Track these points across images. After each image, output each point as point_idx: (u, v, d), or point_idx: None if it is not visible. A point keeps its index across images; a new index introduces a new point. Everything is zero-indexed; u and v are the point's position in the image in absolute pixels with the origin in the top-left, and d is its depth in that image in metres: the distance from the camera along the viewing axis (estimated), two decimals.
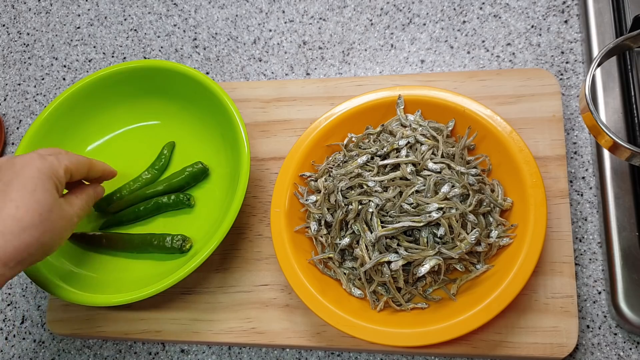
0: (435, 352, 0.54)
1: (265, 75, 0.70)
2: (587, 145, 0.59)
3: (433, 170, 0.53)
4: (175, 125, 0.66)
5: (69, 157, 0.52)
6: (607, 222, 0.54)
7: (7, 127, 0.75)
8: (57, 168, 0.49)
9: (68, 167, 0.51)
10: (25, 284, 0.66)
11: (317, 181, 0.57)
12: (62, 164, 0.50)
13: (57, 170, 0.49)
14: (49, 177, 0.48)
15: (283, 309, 0.56)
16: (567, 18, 0.65)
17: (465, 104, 0.56)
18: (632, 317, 0.50)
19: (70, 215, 0.51)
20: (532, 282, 0.52)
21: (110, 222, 0.63)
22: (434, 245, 0.50)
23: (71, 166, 0.51)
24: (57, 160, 0.50)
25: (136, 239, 0.60)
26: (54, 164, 0.49)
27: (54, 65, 0.77)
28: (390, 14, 0.70)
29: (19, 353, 0.63)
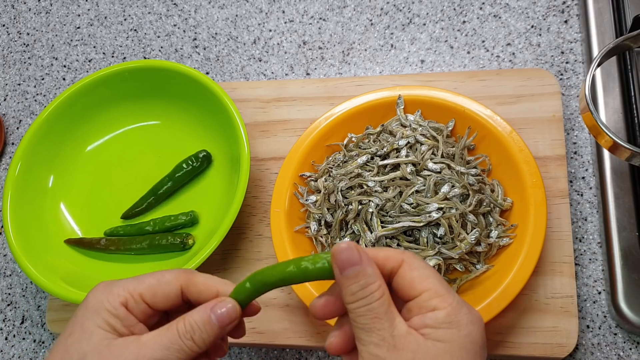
0: None
1: (265, 75, 0.70)
2: (587, 145, 0.59)
3: (433, 170, 0.53)
4: (175, 125, 0.66)
5: (142, 281, 0.38)
6: (607, 222, 0.54)
7: (7, 127, 0.75)
8: (114, 299, 0.37)
9: (134, 294, 0.38)
10: (25, 284, 0.66)
11: (317, 181, 0.57)
12: (123, 292, 0.38)
13: (111, 302, 0.37)
14: (96, 312, 0.37)
15: (283, 309, 0.56)
16: (567, 18, 0.65)
17: (465, 104, 0.56)
18: (632, 317, 0.50)
19: (131, 359, 0.36)
20: (532, 282, 0.52)
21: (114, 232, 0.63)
22: (434, 245, 0.50)
23: (144, 293, 0.38)
24: (121, 287, 0.38)
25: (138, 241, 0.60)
26: (110, 294, 0.38)
27: (54, 65, 0.77)
28: (390, 14, 0.70)
29: (19, 353, 0.63)
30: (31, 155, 0.62)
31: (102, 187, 0.65)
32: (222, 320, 0.37)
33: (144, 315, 0.38)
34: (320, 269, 0.37)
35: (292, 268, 0.37)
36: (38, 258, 0.58)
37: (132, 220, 0.63)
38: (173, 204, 0.64)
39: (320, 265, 0.37)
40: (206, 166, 0.63)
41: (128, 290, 0.38)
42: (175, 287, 0.38)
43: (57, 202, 0.64)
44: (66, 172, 0.65)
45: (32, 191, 0.62)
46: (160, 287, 0.38)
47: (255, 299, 0.39)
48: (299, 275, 0.37)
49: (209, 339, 0.37)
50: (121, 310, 0.37)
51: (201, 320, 0.36)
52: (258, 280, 0.38)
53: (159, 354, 0.35)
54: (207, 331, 0.36)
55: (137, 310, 0.38)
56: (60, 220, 0.63)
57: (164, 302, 0.38)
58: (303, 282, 0.38)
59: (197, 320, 0.36)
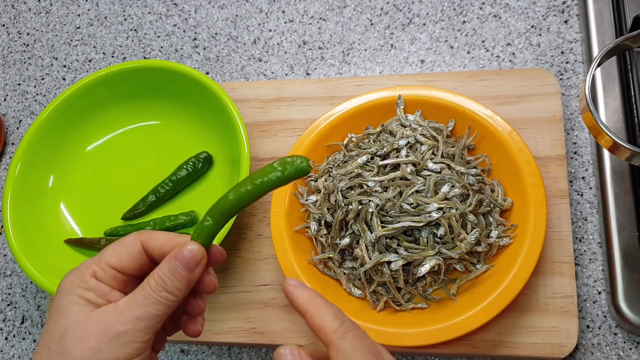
0: (435, 352, 0.54)
1: (265, 75, 0.70)
2: (587, 145, 0.59)
3: (433, 170, 0.53)
4: (175, 125, 0.66)
5: (105, 250, 0.39)
6: (607, 222, 0.54)
7: (7, 127, 0.75)
8: (82, 274, 0.38)
9: (100, 264, 0.38)
10: (25, 284, 0.66)
11: (317, 181, 0.57)
12: (89, 266, 0.38)
13: (80, 278, 0.38)
14: (68, 291, 0.38)
15: (283, 309, 0.56)
16: (567, 18, 0.65)
17: (465, 104, 0.56)
18: (632, 317, 0.50)
19: (112, 324, 0.36)
20: (532, 282, 0.52)
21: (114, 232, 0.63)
22: (434, 245, 0.50)
23: (109, 259, 0.38)
24: (86, 263, 0.39)
25: None
26: (78, 272, 0.38)
27: (54, 65, 0.77)
28: (390, 14, 0.70)
29: (19, 353, 0.63)
30: (31, 155, 0.62)
31: (102, 187, 0.65)
32: (188, 263, 0.37)
33: (116, 282, 0.38)
34: (274, 178, 0.36)
35: (248, 186, 0.37)
36: (38, 258, 0.58)
37: (132, 221, 0.63)
38: (173, 204, 0.64)
39: (273, 175, 0.36)
40: (207, 168, 0.63)
41: (94, 262, 0.38)
42: (137, 246, 0.39)
43: (57, 202, 0.64)
44: (66, 172, 0.65)
45: (32, 191, 0.62)
46: (122, 249, 0.39)
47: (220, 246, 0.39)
48: (257, 190, 0.37)
49: (181, 286, 0.37)
50: (92, 282, 0.38)
51: (168, 269, 0.37)
52: (215, 210, 0.37)
53: (137, 311, 0.36)
54: (177, 278, 0.37)
55: (107, 278, 0.38)
56: (60, 220, 0.63)
57: (130, 263, 0.39)
58: (260, 197, 0.37)
59: (164, 271, 0.37)
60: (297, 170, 0.37)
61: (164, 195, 0.63)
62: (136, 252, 0.39)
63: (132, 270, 0.39)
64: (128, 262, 0.39)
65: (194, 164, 0.62)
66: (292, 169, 0.37)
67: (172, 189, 0.63)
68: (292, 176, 0.37)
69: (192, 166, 0.62)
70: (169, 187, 0.62)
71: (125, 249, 0.39)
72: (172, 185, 0.62)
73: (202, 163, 0.62)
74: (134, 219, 0.63)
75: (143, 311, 0.36)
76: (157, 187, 0.63)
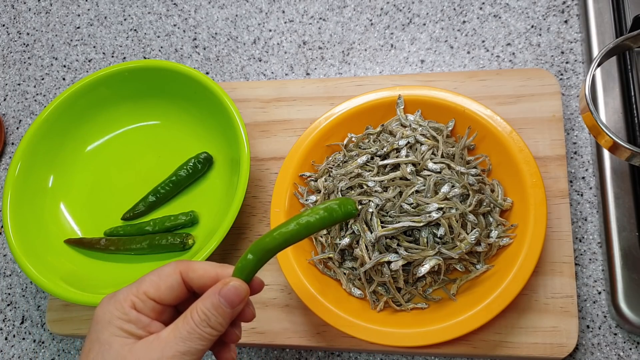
0: (435, 352, 0.54)
1: (265, 75, 0.70)
2: (587, 145, 0.59)
3: (433, 170, 0.53)
4: (175, 125, 0.66)
5: (143, 281, 0.39)
6: (607, 222, 0.54)
7: (7, 127, 0.75)
8: (121, 305, 0.38)
9: (139, 295, 0.38)
10: (25, 284, 0.66)
11: (317, 181, 0.57)
12: (128, 296, 0.38)
13: (119, 309, 0.38)
14: (108, 322, 0.37)
15: (283, 309, 0.56)
16: (567, 18, 0.65)
17: (465, 104, 0.56)
18: (632, 317, 0.50)
19: (158, 358, 0.36)
20: (532, 282, 0.52)
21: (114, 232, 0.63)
22: (434, 245, 0.50)
23: (148, 290, 0.38)
24: (124, 293, 0.39)
25: (138, 241, 0.60)
26: (116, 302, 0.38)
27: (54, 65, 0.77)
28: (390, 14, 0.70)
29: (19, 353, 0.63)
30: (31, 155, 0.62)
31: (102, 187, 0.65)
32: (232, 300, 0.38)
33: (155, 312, 0.39)
34: (321, 218, 0.37)
35: (293, 226, 0.37)
36: (38, 258, 0.58)
37: (132, 221, 0.63)
38: (173, 204, 0.64)
39: (320, 215, 0.37)
40: (207, 169, 0.63)
41: (132, 293, 0.38)
42: (176, 277, 0.39)
43: (57, 202, 0.64)
44: (66, 172, 0.65)
45: (32, 191, 0.62)
46: (162, 281, 0.39)
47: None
48: (302, 231, 0.37)
49: (224, 322, 0.38)
50: (132, 314, 0.38)
51: (212, 305, 0.37)
52: (260, 248, 0.38)
53: (182, 347, 0.36)
54: (221, 314, 0.37)
55: (146, 309, 0.38)
56: (60, 220, 0.63)
57: (169, 294, 0.39)
58: (304, 237, 0.38)
59: (208, 306, 0.37)
60: (345, 214, 0.38)
61: (164, 196, 0.63)
62: (175, 283, 0.39)
63: (170, 301, 0.39)
64: (167, 293, 0.39)
65: (194, 165, 0.62)
66: (340, 213, 0.38)
67: (172, 189, 0.63)
68: (339, 220, 0.38)
69: (192, 167, 0.62)
70: (169, 188, 0.62)
71: (165, 280, 0.39)
72: (172, 185, 0.62)
73: (202, 163, 0.62)
74: (134, 219, 0.63)
75: (188, 346, 0.36)
76: (157, 188, 0.63)
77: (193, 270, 0.39)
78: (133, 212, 0.63)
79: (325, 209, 0.37)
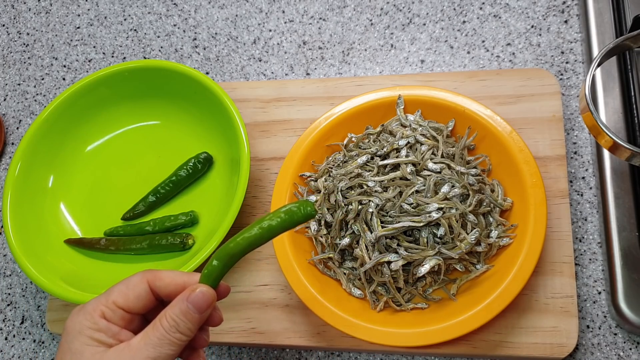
0: (435, 352, 0.54)
1: (265, 75, 0.70)
2: (587, 145, 0.59)
3: (433, 170, 0.53)
4: (175, 125, 0.66)
5: (112, 291, 0.40)
6: (607, 222, 0.54)
7: (7, 127, 0.75)
8: (91, 315, 0.39)
9: (108, 304, 0.39)
10: (25, 284, 0.66)
11: (317, 181, 0.57)
12: (97, 306, 0.39)
13: (89, 319, 0.39)
14: (78, 332, 0.38)
15: (283, 309, 0.56)
16: (567, 18, 0.65)
17: (465, 104, 0.56)
18: (632, 317, 0.50)
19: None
20: (532, 282, 0.52)
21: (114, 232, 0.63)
22: (434, 245, 0.50)
23: (117, 300, 0.39)
24: (93, 303, 0.39)
25: (138, 241, 0.60)
26: (86, 313, 0.39)
27: (54, 65, 0.77)
28: (390, 14, 0.70)
29: (19, 353, 0.63)
30: (31, 155, 0.62)
31: (102, 187, 0.65)
32: (200, 306, 0.39)
33: (124, 321, 0.40)
34: (282, 221, 0.38)
35: (256, 231, 0.39)
36: (38, 258, 0.58)
37: (132, 221, 0.63)
38: (173, 204, 0.64)
39: (281, 218, 0.38)
40: (207, 169, 0.63)
41: (101, 303, 0.39)
42: (143, 286, 0.40)
43: (57, 202, 0.64)
44: (66, 172, 0.65)
45: (32, 191, 0.62)
46: (130, 290, 0.40)
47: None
48: (265, 234, 0.39)
49: (193, 327, 0.39)
50: (102, 323, 0.39)
51: (180, 311, 0.38)
52: (225, 254, 0.39)
53: (153, 353, 0.37)
54: (189, 320, 0.38)
55: (115, 318, 0.39)
56: (60, 220, 0.63)
57: (137, 303, 0.40)
58: (268, 241, 0.39)
59: (177, 313, 0.38)
60: (305, 215, 0.39)
61: (164, 196, 0.63)
62: (143, 292, 0.40)
63: (138, 310, 0.40)
64: (135, 302, 0.40)
65: (194, 165, 0.62)
66: (300, 215, 0.39)
67: (172, 189, 0.63)
68: (300, 221, 0.39)
69: (192, 167, 0.62)
70: (169, 188, 0.62)
71: (132, 289, 0.40)
72: (172, 185, 0.62)
73: (202, 163, 0.62)
74: (134, 219, 0.63)
75: (158, 352, 0.37)
76: (157, 188, 0.63)
77: (160, 279, 0.40)
78: (133, 212, 0.63)
79: (285, 212, 0.39)
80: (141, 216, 0.63)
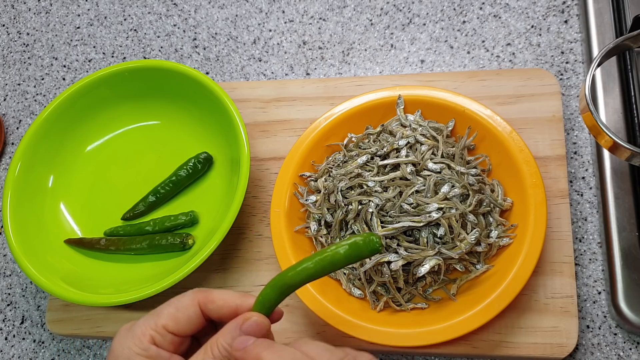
0: (435, 352, 0.54)
1: (265, 75, 0.70)
2: (587, 145, 0.59)
3: (433, 170, 0.53)
4: (175, 125, 0.66)
5: (161, 313, 0.39)
6: (607, 222, 0.54)
7: (7, 127, 0.75)
8: (140, 341, 0.38)
9: (158, 329, 0.38)
10: (25, 284, 0.66)
11: (317, 181, 0.57)
12: (146, 331, 0.38)
13: (139, 345, 0.38)
14: (127, 359, 0.38)
15: (283, 309, 0.56)
16: (567, 18, 0.65)
17: (465, 104, 0.56)
18: (632, 317, 0.50)
19: None
20: (532, 282, 0.52)
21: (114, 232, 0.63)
22: (434, 246, 0.50)
23: (167, 324, 0.38)
24: (143, 327, 0.38)
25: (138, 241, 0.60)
26: (135, 338, 0.38)
27: (54, 65, 0.77)
28: (390, 14, 0.70)
29: (19, 353, 0.63)
30: (31, 155, 0.62)
31: (102, 187, 0.65)
32: (254, 335, 0.36)
33: (174, 345, 0.38)
34: (346, 255, 0.37)
35: (317, 263, 0.37)
36: (38, 258, 0.58)
37: (132, 221, 0.63)
38: (173, 204, 0.64)
39: (345, 252, 0.37)
40: (207, 169, 0.63)
41: (150, 327, 0.38)
42: (194, 309, 0.39)
43: (57, 202, 0.64)
44: (66, 172, 0.65)
45: (32, 191, 0.62)
46: (180, 313, 0.38)
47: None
48: (327, 267, 0.37)
49: None
50: (152, 350, 0.37)
51: (233, 340, 0.36)
52: (283, 283, 0.38)
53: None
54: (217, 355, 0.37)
55: (165, 343, 0.38)
56: (60, 220, 0.63)
57: (188, 326, 0.39)
58: (329, 273, 0.38)
59: (229, 342, 0.36)
60: (371, 251, 0.37)
61: (164, 196, 0.63)
62: (194, 315, 0.39)
63: (189, 333, 0.39)
64: (186, 326, 0.39)
65: (194, 165, 0.62)
66: (366, 250, 0.37)
67: (172, 189, 0.63)
68: (364, 257, 0.37)
69: (192, 167, 0.62)
70: (169, 188, 0.62)
71: (183, 312, 0.39)
72: (172, 185, 0.62)
73: (202, 163, 0.62)
74: (134, 219, 0.63)
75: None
76: (157, 188, 0.63)
77: (212, 302, 0.39)
78: (133, 212, 0.63)
79: (350, 245, 0.37)
80: (141, 216, 0.63)
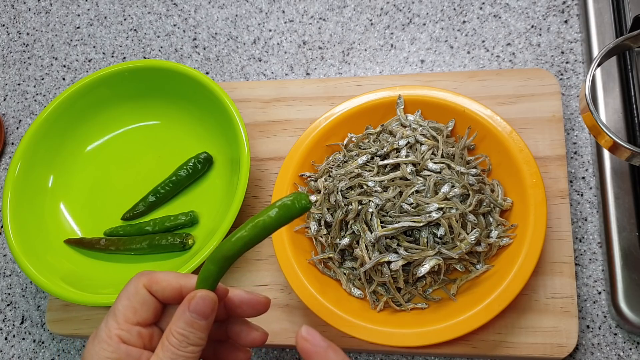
0: (435, 352, 0.54)
1: (265, 75, 0.70)
2: (587, 145, 0.59)
3: (433, 170, 0.53)
4: (175, 125, 0.66)
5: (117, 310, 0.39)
6: (607, 222, 0.54)
7: (7, 127, 0.75)
8: (108, 343, 0.38)
9: (122, 325, 0.38)
10: (25, 284, 0.66)
11: (317, 181, 0.57)
12: (112, 331, 0.38)
13: (107, 348, 0.38)
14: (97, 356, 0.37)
15: (283, 309, 0.56)
16: (567, 18, 0.65)
17: (465, 104, 0.56)
18: (632, 317, 0.50)
19: None
20: (532, 282, 0.52)
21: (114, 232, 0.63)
22: (434, 246, 0.50)
23: (127, 316, 0.38)
24: (107, 329, 0.38)
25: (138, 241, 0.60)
26: (102, 342, 0.38)
27: (54, 65, 0.77)
28: (390, 14, 0.70)
29: (19, 353, 0.63)
30: (31, 155, 0.62)
31: (102, 187, 0.65)
32: (203, 312, 0.37)
33: (142, 339, 0.39)
34: (277, 217, 0.37)
35: (250, 229, 0.37)
36: (38, 258, 0.58)
37: (132, 221, 0.63)
38: (173, 204, 0.64)
39: (276, 214, 0.37)
40: (207, 169, 0.63)
41: (114, 327, 0.38)
42: (144, 292, 0.39)
43: (57, 202, 0.64)
44: (66, 172, 0.65)
45: (32, 191, 0.62)
46: (134, 301, 0.39)
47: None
48: (260, 232, 0.37)
49: (203, 335, 0.37)
50: (121, 349, 0.38)
51: (185, 324, 0.37)
52: (220, 257, 0.38)
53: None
54: (197, 329, 0.37)
55: (133, 338, 0.38)
56: (60, 220, 0.63)
57: (147, 312, 0.39)
58: (263, 239, 0.38)
59: (182, 326, 0.37)
60: (300, 209, 0.37)
61: (164, 196, 0.63)
62: (146, 297, 0.39)
63: (152, 319, 0.39)
64: (145, 310, 0.39)
65: (194, 165, 0.62)
66: (295, 209, 0.37)
67: (172, 189, 0.63)
68: (295, 216, 0.37)
69: (192, 167, 0.62)
70: (169, 188, 0.62)
71: (136, 298, 0.39)
72: (172, 185, 0.62)
73: (202, 163, 0.62)
74: (134, 219, 0.63)
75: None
76: (157, 188, 0.63)
77: (156, 283, 0.39)
78: (133, 212, 0.63)
79: (280, 207, 0.37)
80: (141, 216, 0.63)
